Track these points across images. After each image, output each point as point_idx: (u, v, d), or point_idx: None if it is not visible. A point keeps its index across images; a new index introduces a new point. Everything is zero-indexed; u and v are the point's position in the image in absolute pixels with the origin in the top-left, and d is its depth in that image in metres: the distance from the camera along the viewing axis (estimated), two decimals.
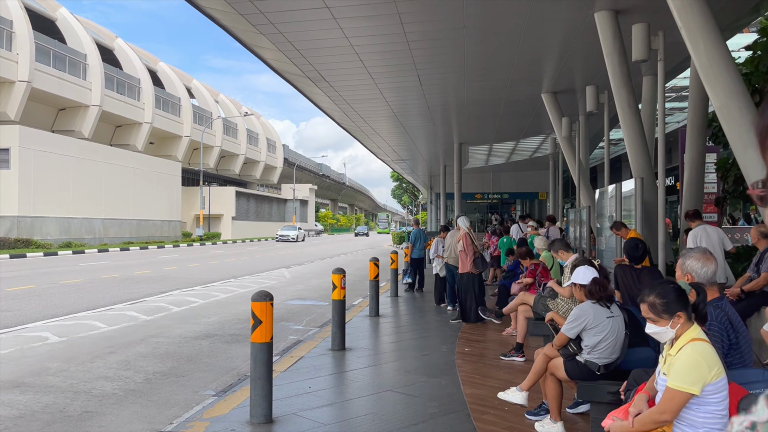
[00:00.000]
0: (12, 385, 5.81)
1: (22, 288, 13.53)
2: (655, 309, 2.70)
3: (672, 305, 2.67)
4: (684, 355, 2.56)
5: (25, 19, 29.31)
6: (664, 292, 2.71)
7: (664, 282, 2.83)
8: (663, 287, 2.75)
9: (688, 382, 2.50)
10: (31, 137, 28.53)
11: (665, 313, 2.68)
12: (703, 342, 2.58)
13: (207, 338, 8.37)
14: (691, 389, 2.50)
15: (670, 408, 2.53)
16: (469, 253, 9.41)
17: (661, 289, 2.74)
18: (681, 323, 2.66)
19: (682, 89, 17.45)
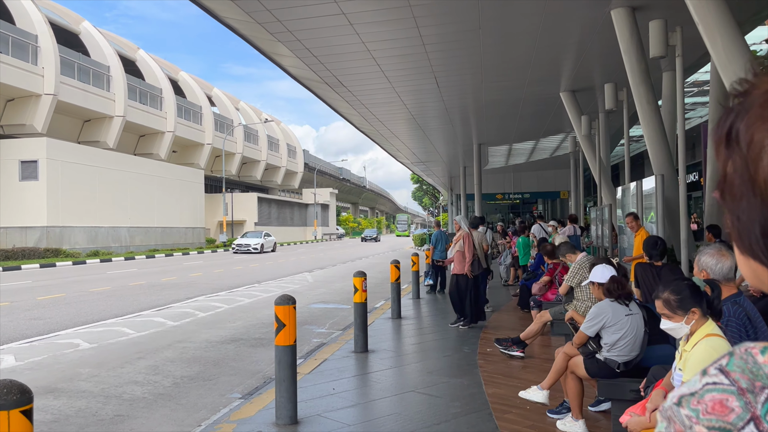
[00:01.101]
0: (46, 391, 5.99)
1: (52, 296, 13.85)
2: (670, 305, 2.73)
3: (686, 301, 2.70)
4: (699, 350, 2.59)
5: (50, 33, 29.95)
6: (679, 289, 2.74)
7: (679, 278, 2.87)
8: (677, 284, 2.78)
9: None
10: (58, 149, 29.13)
11: (679, 309, 2.71)
12: (718, 337, 2.60)
13: (232, 342, 8.51)
14: None
15: None
16: (468, 254, 9.06)
17: (675, 285, 2.77)
18: (695, 319, 2.69)
19: (703, 84, 17.25)
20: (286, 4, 8.91)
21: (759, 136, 0.56)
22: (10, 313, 11.26)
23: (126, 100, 35.59)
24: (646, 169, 26.40)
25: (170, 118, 41.09)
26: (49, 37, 29.73)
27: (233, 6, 9.04)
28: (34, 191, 28.27)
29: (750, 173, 0.57)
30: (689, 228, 8.51)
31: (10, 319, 10.47)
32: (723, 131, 0.60)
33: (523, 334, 6.92)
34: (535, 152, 27.95)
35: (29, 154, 28.31)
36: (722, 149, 0.60)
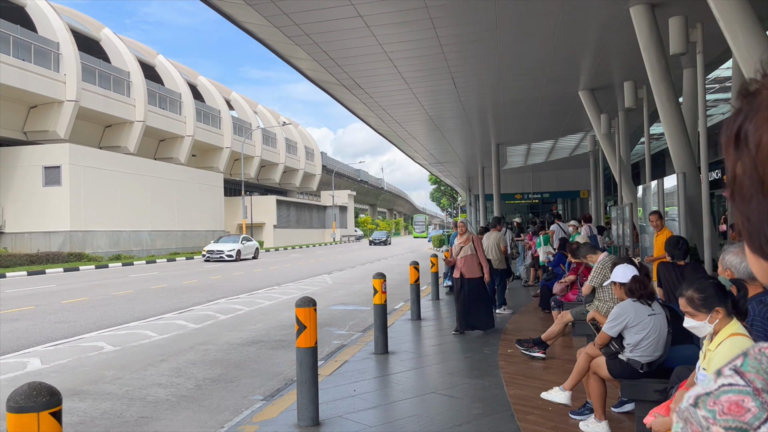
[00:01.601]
0: (72, 393, 6.08)
1: (76, 300, 14.05)
2: (693, 303, 2.70)
3: (710, 300, 2.67)
4: (723, 350, 2.56)
5: (71, 40, 30.41)
6: (703, 287, 2.71)
7: (704, 277, 2.84)
8: (702, 282, 2.75)
9: None
10: (80, 154, 29.57)
11: (703, 307, 2.68)
12: (743, 337, 2.57)
13: (253, 345, 8.57)
14: None
15: None
16: (481, 256, 8.66)
17: (699, 283, 2.75)
18: (719, 318, 2.66)
19: (725, 80, 17.01)
20: (304, 7, 8.97)
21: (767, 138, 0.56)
22: (35, 316, 11.45)
23: (146, 105, 36.00)
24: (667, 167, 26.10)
25: (189, 122, 41.48)
26: (70, 44, 30.18)
27: (251, 10, 9.12)
28: (58, 196, 28.71)
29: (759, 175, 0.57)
30: (712, 226, 8.40)
31: (35, 323, 10.65)
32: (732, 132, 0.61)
33: (544, 335, 6.88)
34: (554, 151, 27.76)
35: (52, 159, 28.77)
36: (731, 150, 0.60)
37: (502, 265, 10.68)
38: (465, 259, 8.54)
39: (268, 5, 8.84)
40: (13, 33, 27.35)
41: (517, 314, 10.39)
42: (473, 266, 8.53)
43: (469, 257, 8.53)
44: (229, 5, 9.23)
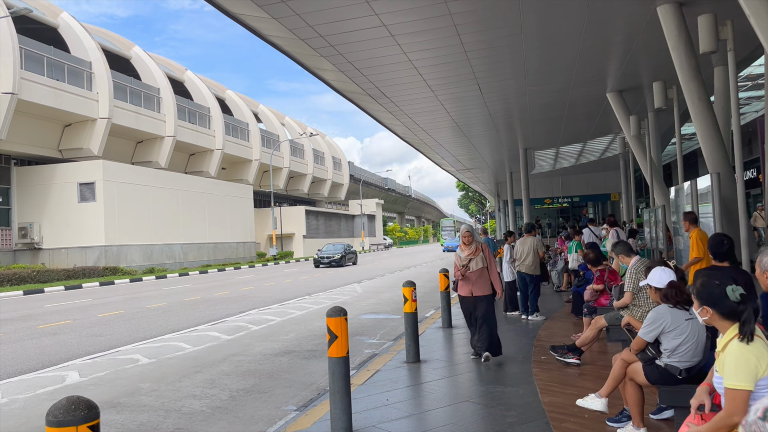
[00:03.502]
0: (109, 405, 6.19)
1: (112, 313, 14.31)
2: (694, 291, 2.80)
3: (702, 298, 2.74)
4: (731, 352, 2.57)
5: (103, 59, 31.14)
6: (705, 283, 2.75)
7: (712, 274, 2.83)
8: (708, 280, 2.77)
9: (742, 379, 2.48)
10: (113, 170, 30.20)
11: (697, 299, 2.76)
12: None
13: (286, 355, 8.62)
14: (747, 386, 2.48)
15: (736, 409, 2.49)
16: (493, 270, 7.35)
17: (707, 280, 2.77)
18: (710, 316, 2.71)
19: (758, 77, 16.63)
20: (328, 18, 9.05)
21: None
22: (73, 330, 11.69)
23: (176, 120, 36.63)
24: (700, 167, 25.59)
25: (218, 136, 42.07)
26: (102, 63, 30.91)
27: (276, 24, 9.23)
28: (92, 212, 29.35)
29: None
30: (749, 227, 8.20)
31: (73, 336, 10.88)
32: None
33: (578, 341, 6.78)
34: (583, 154, 27.44)
35: (87, 176, 29.44)
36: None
37: (536, 271, 10.55)
38: (476, 275, 7.23)
39: (292, 18, 8.95)
40: (47, 54, 28.13)
41: (549, 320, 10.26)
42: (485, 282, 7.26)
43: (480, 272, 7.24)
44: (254, 19, 9.36)
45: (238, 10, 9.03)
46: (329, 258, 34.23)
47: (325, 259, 34.24)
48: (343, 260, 34.75)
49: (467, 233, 7.39)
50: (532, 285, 10.43)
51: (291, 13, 8.73)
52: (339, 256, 34.44)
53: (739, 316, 2.64)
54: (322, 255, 34.79)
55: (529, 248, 10.49)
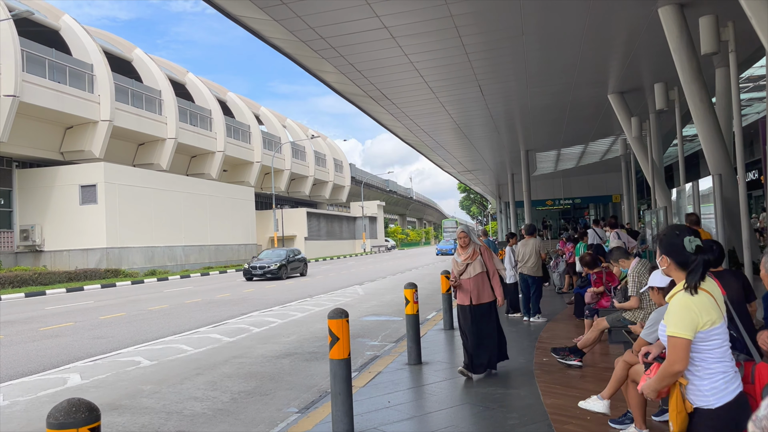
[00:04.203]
0: (111, 408, 6.18)
1: (114, 316, 14.31)
2: (657, 241, 2.83)
3: (662, 246, 2.75)
4: (675, 301, 2.61)
5: (104, 62, 31.19)
6: (664, 232, 2.80)
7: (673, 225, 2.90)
8: (668, 228, 2.82)
9: (682, 327, 2.51)
10: (114, 173, 30.23)
11: (659, 248, 2.77)
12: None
13: (287, 357, 8.61)
14: (686, 334, 2.51)
15: (677, 357, 2.52)
16: (494, 274, 6.69)
17: (666, 229, 2.82)
18: (666, 266, 2.73)
19: (759, 78, 16.62)
20: (329, 20, 9.06)
21: None
22: (75, 332, 11.70)
23: (177, 123, 36.67)
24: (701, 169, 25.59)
25: (220, 138, 42.11)
26: (103, 65, 30.96)
27: (278, 26, 9.24)
28: (94, 214, 29.37)
29: None
30: (751, 229, 8.18)
31: (75, 339, 10.88)
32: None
33: (580, 343, 6.77)
34: (585, 156, 27.44)
35: (88, 178, 29.47)
36: None
37: (539, 273, 10.54)
38: (474, 280, 6.59)
39: (294, 20, 8.95)
40: (48, 56, 28.19)
41: (551, 322, 10.25)
42: (484, 288, 6.61)
43: (479, 277, 6.60)
44: (256, 22, 9.37)
45: (240, 12, 9.03)
46: (264, 268, 26.30)
47: (259, 269, 26.32)
48: (283, 271, 26.85)
49: (463, 234, 6.68)
50: (534, 287, 10.42)
51: (292, 15, 8.74)
52: (277, 266, 26.38)
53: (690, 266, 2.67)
54: (255, 264, 26.76)
55: (531, 250, 10.48)
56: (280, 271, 26.50)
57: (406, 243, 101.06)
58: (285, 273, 27.11)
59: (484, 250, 6.71)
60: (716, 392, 2.53)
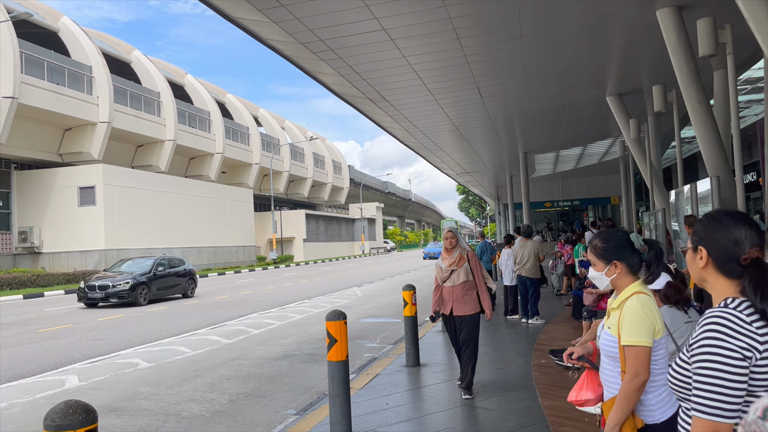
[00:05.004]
0: (109, 410, 6.18)
1: (112, 318, 14.30)
2: (596, 251, 2.58)
3: (610, 252, 2.53)
4: (631, 308, 2.40)
5: (103, 64, 31.18)
6: (607, 238, 2.58)
7: (615, 229, 2.72)
8: (608, 233, 2.63)
9: (643, 335, 2.33)
10: (113, 174, 30.21)
11: (602, 258, 2.54)
12: (647, 296, 2.44)
13: (286, 359, 8.61)
14: (648, 342, 2.33)
15: (640, 367, 2.33)
16: (480, 283, 5.96)
17: (606, 233, 2.62)
18: (618, 273, 2.51)
19: (757, 80, 16.65)
20: (328, 22, 9.07)
21: None
22: (73, 334, 11.68)
23: (176, 125, 36.66)
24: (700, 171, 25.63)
25: (219, 139, 42.10)
26: (102, 67, 30.96)
27: (276, 28, 9.25)
28: (93, 216, 29.35)
29: None
30: None
31: (73, 340, 10.87)
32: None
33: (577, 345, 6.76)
34: (583, 158, 27.47)
35: (87, 180, 29.45)
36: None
37: (537, 274, 10.55)
38: (457, 290, 5.89)
39: (292, 22, 8.96)
40: (47, 58, 28.18)
41: (549, 324, 10.25)
42: (469, 299, 5.89)
43: (463, 286, 5.89)
44: (254, 23, 9.38)
45: (238, 14, 9.04)
46: (108, 289, 17.02)
47: (99, 290, 17.05)
48: (141, 292, 17.41)
49: (450, 234, 6.01)
50: (532, 288, 10.44)
51: (291, 17, 8.75)
52: (128, 285, 17.14)
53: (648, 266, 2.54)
54: (94, 282, 17.33)
55: (530, 252, 10.50)
56: (135, 292, 17.18)
57: (405, 245, 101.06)
58: (146, 295, 17.59)
59: (471, 256, 6.01)
60: (661, 405, 2.39)
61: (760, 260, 1.67)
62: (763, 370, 1.56)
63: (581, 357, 2.72)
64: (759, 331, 1.57)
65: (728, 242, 1.71)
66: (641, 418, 2.39)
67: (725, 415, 1.55)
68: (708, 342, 1.59)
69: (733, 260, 1.69)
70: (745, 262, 1.67)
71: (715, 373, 1.56)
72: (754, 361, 1.55)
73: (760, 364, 1.56)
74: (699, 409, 1.58)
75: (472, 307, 5.89)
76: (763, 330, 1.57)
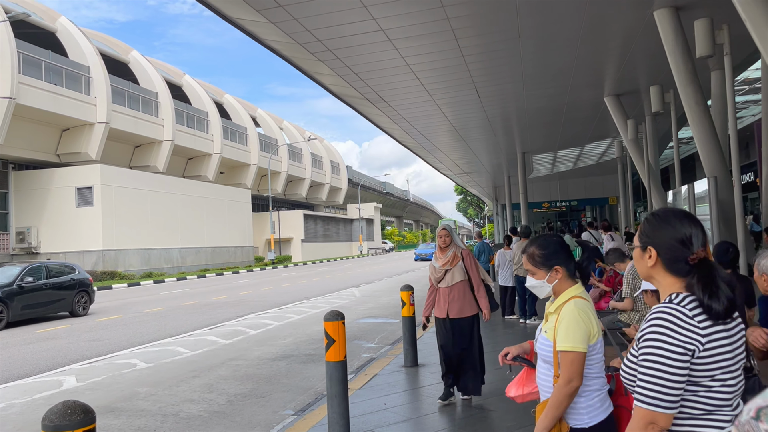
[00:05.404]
0: (107, 410, 6.17)
1: (110, 318, 14.28)
2: (534, 260, 2.55)
3: (550, 258, 2.51)
4: (567, 313, 2.38)
5: (101, 64, 31.15)
6: (545, 244, 2.56)
7: (548, 234, 2.68)
8: (544, 239, 2.60)
9: (579, 341, 2.31)
10: (111, 175, 30.18)
11: (543, 265, 2.52)
12: (584, 300, 2.42)
13: (284, 359, 8.61)
14: (581, 347, 2.31)
15: (575, 372, 2.30)
16: (477, 283, 5.65)
17: (542, 240, 2.59)
18: (559, 279, 2.50)
19: (754, 81, 16.69)
20: (325, 23, 9.07)
21: None
22: (71, 335, 11.67)
23: (174, 125, 36.64)
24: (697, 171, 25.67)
25: (217, 140, 42.08)
26: (100, 67, 30.92)
27: (274, 28, 9.25)
28: (90, 216, 29.31)
29: None
30: (746, 231, 8.22)
31: (71, 341, 10.85)
32: None
33: None
34: (581, 158, 27.50)
35: (85, 180, 29.41)
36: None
37: None
38: (453, 291, 5.61)
39: (290, 22, 8.96)
40: (45, 58, 28.14)
41: None
42: (465, 300, 5.63)
43: (460, 286, 5.62)
44: (252, 24, 9.38)
45: (236, 14, 9.04)
46: None
47: None
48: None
49: (444, 232, 5.69)
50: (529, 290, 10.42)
51: (289, 17, 8.75)
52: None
53: (581, 270, 2.52)
54: None
55: None
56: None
57: (403, 245, 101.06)
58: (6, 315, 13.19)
59: (466, 255, 5.69)
60: (591, 410, 2.35)
61: (706, 259, 1.76)
62: (706, 361, 1.64)
63: (516, 357, 2.69)
64: (700, 325, 1.65)
65: (676, 242, 1.78)
66: (569, 422, 2.36)
67: (664, 405, 1.63)
68: (652, 336, 1.67)
69: (681, 260, 1.76)
70: (693, 262, 1.75)
71: (656, 365, 1.64)
72: (697, 354, 1.63)
73: (702, 356, 1.64)
74: (640, 399, 1.67)
75: (469, 309, 5.61)
76: (704, 324, 1.65)
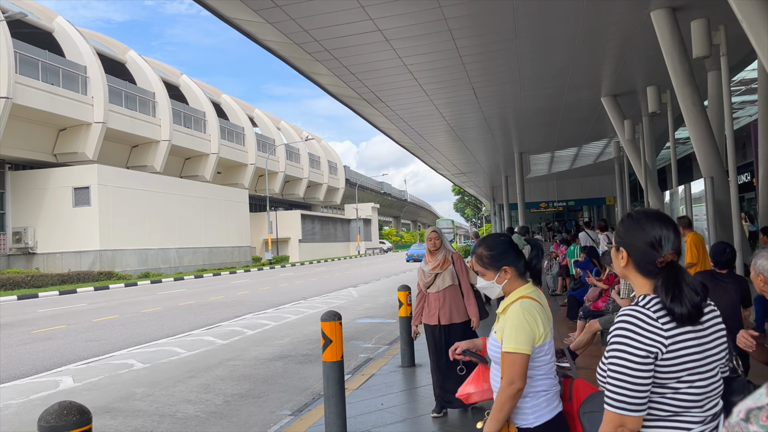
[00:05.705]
0: (103, 411, 6.16)
1: (107, 318, 14.26)
2: (482, 261, 2.51)
3: (499, 258, 2.48)
4: (513, 314, 2.35)
5: (98, 64, 31.09)
6: (493, 244, 2.52)
7: (496, 234, 2.64)
8: (492, 239, 2.57)
9: (522, 343, 2.27)
10: (108, 175, 30.13)
11: (491, 266, 2.48)
12: (532, 300, 2.38)
13: (281, 359, 8.60)
14: (526, 350, 2.28)
15: (516, 374, 2.27)
16: (467, 289, 5.39)
17: (490, 240, 2.56)
18: (508, 279, 2.46)
19: (751, 81, 16.73)
20: (323, 23, 9.07)
21: None
22: (67, 335, 11.65)
23: (171, 125, 36.59)
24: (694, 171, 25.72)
25: (214, 140, 42.04)
26: (97, 67, 30.87)
27: (271, 28, 9.24)
28: (87, 216, 29.26)
29: None
30: (743, 231, 8.24)
31: (67, 341, 10.83)
32: None
33: (573, 345, 6.79)
34: (579, 159, 27.54)
35: (81, 180, 29.36)
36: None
37: None
38: (444, 296, 5.36)
39: (287, 22, 8.96)
40: (41, 58, 28.09)
41: None
42: (457, 305, 5.36)
43: (450, 291, 5.35)
44: (250, 24, 9.37)
45: (234, 14, 9.03)
46: None
47: None
48: None
49: (434, 235, 5.46)
50: None
51: (286, 17, 8.75)
52: None
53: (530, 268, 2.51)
54: None
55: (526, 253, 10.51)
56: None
57: (401, 245, 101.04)
58: None
59: (457, 258, 5.45)
60: (536, 410, 2.33)
61: (674, 263, 1.77)
62: (670, 363, 1.65)
63: (466, 351, 2.64)
64: (665, 327, 1.66)
65: (645, 245, 1.79)
66: (515, 423, 2.36)
67: (630, 408, 1.65)
68: (616, 340, 1.69)
69: (650, 262, 1.78)
70: (661, 265, 1.77)
71: (621, 369, 1.66)
72: (661, 356, 1.65)
73: (667, 357, 1.65)
74: (608, 402, 1.69)
75: (462, 314, 5.34)
76: (668, 326, 1.67)
